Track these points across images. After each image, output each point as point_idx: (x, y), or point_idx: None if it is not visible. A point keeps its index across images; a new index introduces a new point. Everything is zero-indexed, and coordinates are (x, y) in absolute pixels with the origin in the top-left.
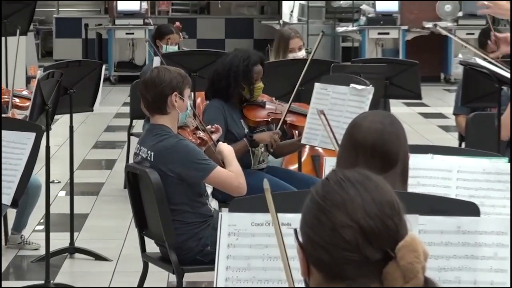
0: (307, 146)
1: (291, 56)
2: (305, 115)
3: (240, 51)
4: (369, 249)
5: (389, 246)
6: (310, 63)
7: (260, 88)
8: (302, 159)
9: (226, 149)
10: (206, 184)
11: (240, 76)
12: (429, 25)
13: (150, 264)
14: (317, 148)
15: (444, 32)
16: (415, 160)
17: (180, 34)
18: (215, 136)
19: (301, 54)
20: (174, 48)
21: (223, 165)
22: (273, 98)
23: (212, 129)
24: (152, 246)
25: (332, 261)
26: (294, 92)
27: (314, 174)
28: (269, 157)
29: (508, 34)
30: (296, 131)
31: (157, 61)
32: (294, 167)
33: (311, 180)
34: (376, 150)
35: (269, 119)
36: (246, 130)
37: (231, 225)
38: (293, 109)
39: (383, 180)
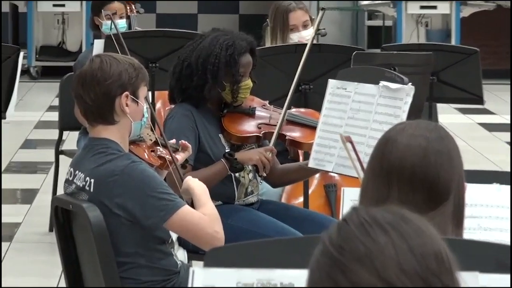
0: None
1: (293, 37)
2: (313, 128)
3: (221, 34)
4: None
5: None
6: (316, 51)
7: (248, 87)
8: (311, 190)
9: (198, 186)
10: None
11: (221, 70)
12: None
13: None
14: (332, 174)
15: None
16: (474, 193)
17: (133, 6)
18: (180, 157)
19: (307, 34)
20: (122, 25)
21: (191, 205)
22: (267, 102)
23: (176, 145)
24: None
25: None
26: (291, 90)
27: (327, 213)
28: (262, 186)
29: None
30: (302, 151)
31: (99, 46)
32: (298, 201)
33: (323, 221)
34: (418, 177)
35: (261, 133)
36: (227, 149)
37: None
38: (296, 119)
39: (426, 222)
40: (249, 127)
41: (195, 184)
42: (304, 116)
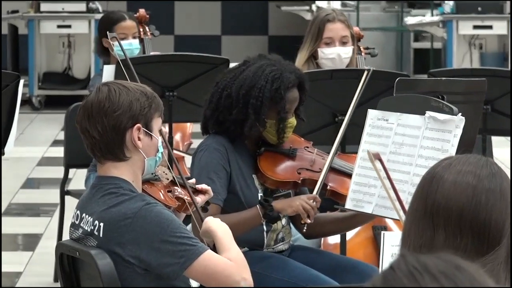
0: None
1: (325, 52)
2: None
3: (267, 63)
4: None
5: None
6: (354, 77)
7: (291, 126)
8: (355, 232)
9: (220, 227)
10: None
11: (264, 106)
12: None
13: None
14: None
15: None
16: None
17: (147, 28)
18: (200, 199)
19: (345, 52)
20: (136, 46)
21: (213, 249)
22: (311, 144)
23: (196, 186)
24: None
25: None
26: (340, 134)
27: (374, 259)
28: (295, 231)
29: None
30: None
31: (109, 72)
32: (337, 242)
33: (363, 269)
34: (466, 220)
35: (300, 180)
36: (260, 193)
37: None
38: (341, 167)
39: (482, 272)
40: (288, 171)
41: (216, 225)
42: (349, 164)
